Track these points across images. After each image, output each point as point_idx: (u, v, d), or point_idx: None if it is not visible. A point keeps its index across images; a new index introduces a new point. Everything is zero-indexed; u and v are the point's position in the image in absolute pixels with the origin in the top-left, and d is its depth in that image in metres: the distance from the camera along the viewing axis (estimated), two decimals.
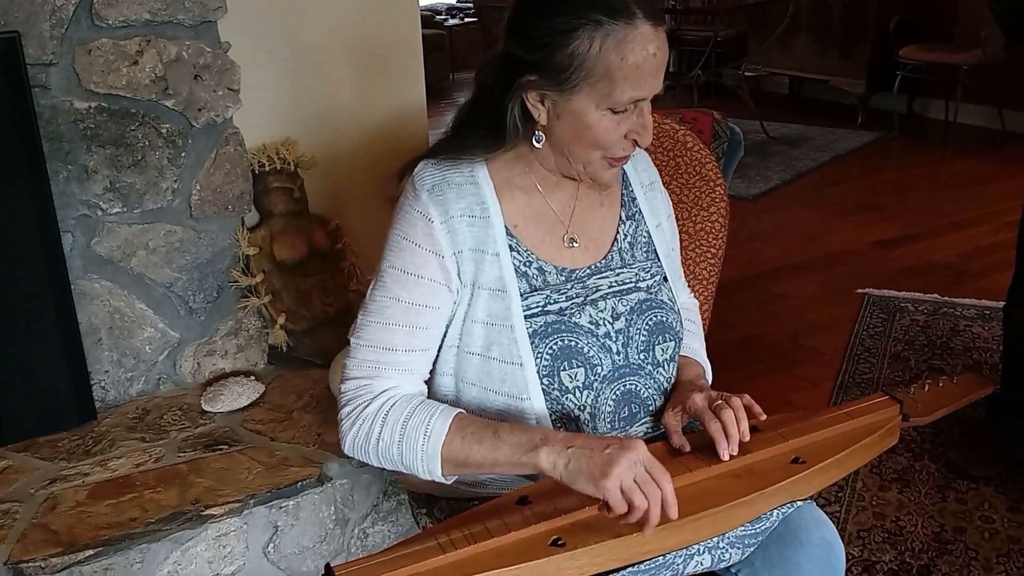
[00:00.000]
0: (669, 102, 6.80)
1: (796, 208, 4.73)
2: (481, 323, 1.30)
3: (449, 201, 1.28)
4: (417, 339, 1.30)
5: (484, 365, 1.30)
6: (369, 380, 1.29)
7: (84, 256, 2.03)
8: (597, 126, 1.24)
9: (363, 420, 1.27)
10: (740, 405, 1.26)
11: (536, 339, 1.29)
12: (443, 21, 9.41)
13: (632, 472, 1.10)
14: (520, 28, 1.25)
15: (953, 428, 2.52)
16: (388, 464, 1.28)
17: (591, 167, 1.30)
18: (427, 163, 1.32)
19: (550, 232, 1.36)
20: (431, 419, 1.24)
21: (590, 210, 1.40)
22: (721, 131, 2.18)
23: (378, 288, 1.31)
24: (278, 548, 1.87)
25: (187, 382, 2.22)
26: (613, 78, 1.19)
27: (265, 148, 2.25)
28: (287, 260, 2.26)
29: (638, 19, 1.19)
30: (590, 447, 1.13)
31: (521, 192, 1.35)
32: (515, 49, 1.25)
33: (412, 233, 1.29)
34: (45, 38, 1.87)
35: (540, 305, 1.31)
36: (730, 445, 1.23)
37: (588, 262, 1.38)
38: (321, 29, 2.31)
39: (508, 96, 1.26)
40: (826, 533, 1.29)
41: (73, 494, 1.81)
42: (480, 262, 1.29)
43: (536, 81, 1.23)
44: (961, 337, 3.16)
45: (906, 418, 1.39)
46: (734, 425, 1.23)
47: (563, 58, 1.20)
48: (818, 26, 6.54)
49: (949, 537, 2.17)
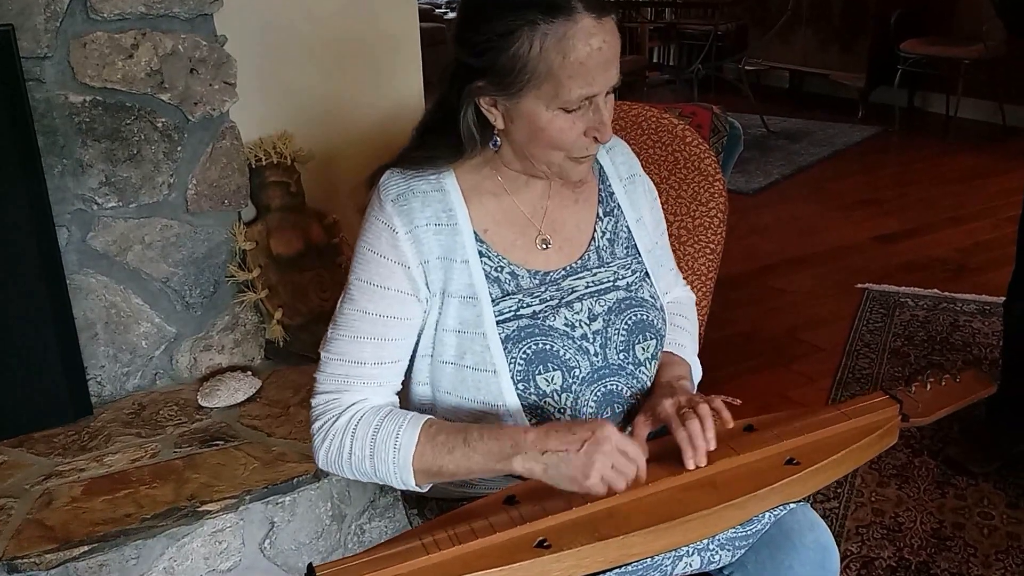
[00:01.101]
0: (669, 96, 6.79)
1: (796, 203, 4.72)
2: (452, 331, 1.28)
3: (414, 210, 1.26)
4: (386, 351, 1.28)
5: (458, 373, 1.28)
6: (338, 394, 1.28)
7: (79, 251, 2.02)
8: (551, 127, 1.21)
9: (333, 435, 1.26)
10: (707, 413, 1.22)
11: (509, 344, 1.27)
12: (443, 15, 9.37)
13: (610, 462, 1.11)
14: (464, 34, 1.23)
15: (952, 424, 2.52)
16: (364, 477, 1.27)
17: (555, 167, 1.27)
18: (393, 172, 1.30)
19: (522, 235, 1.34)
20: (400, 430, 1.22)
21: (563, 208, 1.37)
22: (721, 126, 2.16)
23: (346, 301, 1.29)
24: (274, 544, 1.86)
25: (183, 377, 2.21)
26: (558, 77, 1.16)
27: (261, 142, 2.24)
28: (284, 255, 2.25)
29: (578, 13, 1.15)
30: (564, 447, 1.12)
31: (490, 196, 1.32)
32: (462, 56, 1.23)
33: (377, 245, 1.27)
34: (40, 31, 1.85)
35: (512, 310, 1.29)
36: (696, 455, 1.20)
37: (563, 263, 1.35)
38: (318, 22, 2.30)
39: (461, 103, 1.24)
40: (820, 536, 1.28)
41: (68, 490, 1.80)
42: (449, 270, 1.27)
43: (484, 87, 1.21)
44: (961, 332, 3.16)
45: (906, 418, 1.37)
46: (700, 435, 1.20)
47: (506, 61, 1.17)
48: (819, 20, 6.52)
49: (948, 533, 2.16)
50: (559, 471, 1.12)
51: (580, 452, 1.11)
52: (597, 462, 1.10)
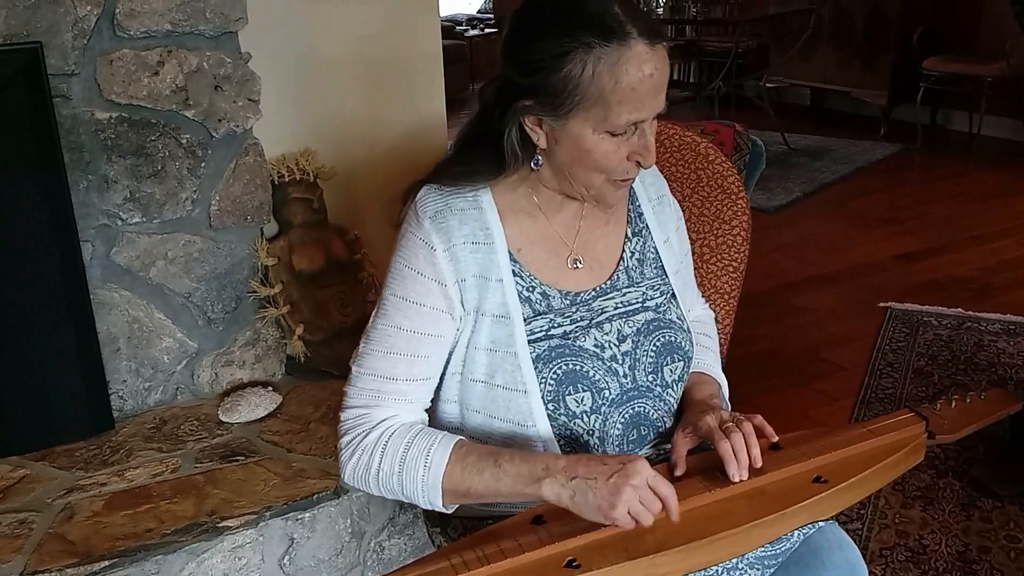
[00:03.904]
0: (689, 113, 6.79)
1: (817, 220, 4.70)
2: (484, 350, 1.27)
3: (452, 228, 1.26)
4: (418, 368, 1.28)
5: (488, 392, 1.27)
6: (368, 409, 1.28)
7: (103, 266, 2.03)
8: (596, 150, 1.20)
9: (362, 450, 1.25)
10: (751, 430, 1.22)
11: (540, 364, 1.27)
12: (463, 32, 9.42)
13: (637, 495, 1.10)
14: (514, 52, 1.22)
15: (978, 446, 2.49)
16: (389, 494, 1.26)
17: (594, 190, 1.26)
18: (430, 188, 1.29)
19: (554, 255, 1.34)
20: (431, 449, 1.22)
21: (595, 229, 1.37)
22: (743, 143, 2.16)
23: (380, 316, 1.29)
24: (294, 561, 1.86)
25: (204, 392, 2.22)
26: (608, 102, 1.16)
27: (284, 159, 2.25)
28: (305, 271, 2.25)
29: (632, 39, 1.14)
30: (594, 476, 1.11)
31: (525, 215, 1.32)
32: (510, 73, 1.22)
33: (414, 261, 1.27)
34: (67, 48, 1.87)
35: (544, 329, 1.29)
36: (740, 468, 1.20)
37: (593, 284, 1.35)
38: (342, 40, 2.31)
39: (505, 121, 1.23)
40: (849, 554, 1.27)
41: (90, 504, 1.81)
42: (484, 288, 1.27)
43: (531, 106, 1.20)
44: (986, 352, 3.12)
45: (932, 435, 1.37)
46: (743, 449, 1.20)
47: (556, 82, 1.16)
48: (840, 37, 6.51)
49: (974, 556, 2.13)
50: (585, 499, 1.11)
51: (609, 482, 1.10)
52: (624, 494, 1.09)
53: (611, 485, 1.10)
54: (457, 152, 1.34)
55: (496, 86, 1.26)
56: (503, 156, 1.25)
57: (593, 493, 1.11)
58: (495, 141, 1.25)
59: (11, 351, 1.90)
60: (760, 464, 1.21)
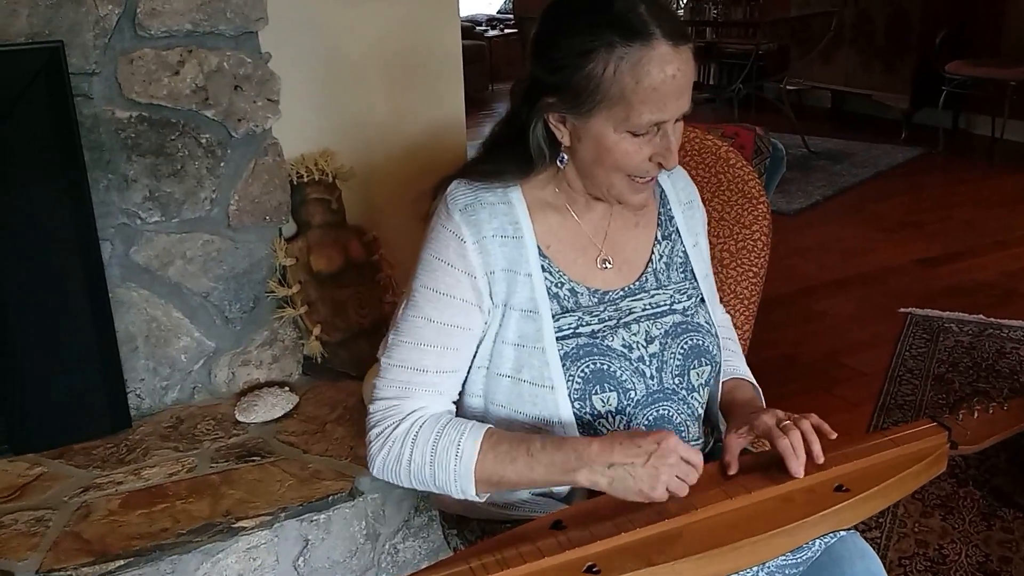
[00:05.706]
0: (710, 116, 6.77)
1: (837, 224, 4.66)
2: (512, 344, 1.27)
3: (482, 221, 1.26)
4: (448, 360, 1.28)
5: (514, 387, 1.28)
6: (398, 401, 1.28)
7: (122, 264, 2.03)
8: (616, 149, 1.21)
9: (392, 442, 1.25)
10: (810, 428, 1.24)
11: (568, 361, 1.27)
12: (483, 32, 9.42)
13: (675, 471, 1.12)
14: (541, 49, 1.23)
15: (1000, 455, 2.46)
16: (420, 486, 1.26)
17: (615, 189, 1.27)
18: (460, 182, 1.30)
19: (583, 254, 1.34)
20: (461, 438, 1.22)
21: (624, 231, 1.38)
22: (763, 147, 2.14)
23: (410, 308, 1.29)
24: (308, 562, 1.85)
25: (221, 392, 2.22)
26: (630, 101, 1.16)
27: (303, 159, 2.25)
28: (323, 271, 2.25)
29: (656, 39, 1.15)
30: (630, 460, 1.13)
31: (554, 213, 1.32)
32: (537, 71, 1.23)
33: (444, 253, 1.27)
34: (88, 48, 1.88)
35: (572, 327, 1.29)
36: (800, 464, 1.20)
37: (621, 284, 1.35)
38: (361, 40, 2.31)
39: (531, 118, 1.24)
40: (871, 564, 1.25)
41: (106, 503, 1.81)
42: (512, 282, 1.27)
43: (555, 103, 1.21)
44: (1008, 359, 3.09)
45: (954, 446, 1.35)
46: (801, 445, 1.21)
47: (580, 80, 1.17)
48: (861, 40, 6.46)
49: (995, 567, 2.10)
50: (625, 484, 1.13)
51: (647, 465, 1.12)
52: (664, 474, 1.12)
53: (649, 468, 1.12)
54: (487, 150, 1.35)
55: (524, 85, 1.27)
56: (531, 155, 1.26)
57: (633, 479, 1.13)
58: (524, 140, 1.26)
59: (30, 349, 1.91)
60: (822, 460, 1.22)
